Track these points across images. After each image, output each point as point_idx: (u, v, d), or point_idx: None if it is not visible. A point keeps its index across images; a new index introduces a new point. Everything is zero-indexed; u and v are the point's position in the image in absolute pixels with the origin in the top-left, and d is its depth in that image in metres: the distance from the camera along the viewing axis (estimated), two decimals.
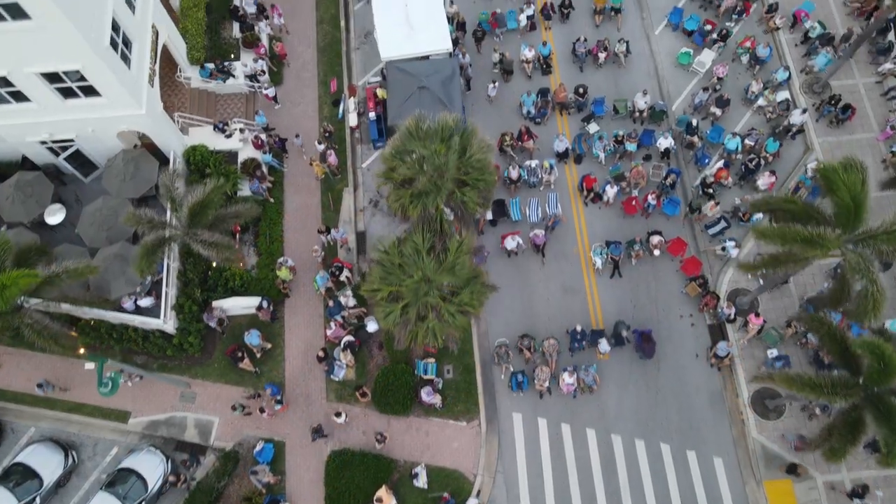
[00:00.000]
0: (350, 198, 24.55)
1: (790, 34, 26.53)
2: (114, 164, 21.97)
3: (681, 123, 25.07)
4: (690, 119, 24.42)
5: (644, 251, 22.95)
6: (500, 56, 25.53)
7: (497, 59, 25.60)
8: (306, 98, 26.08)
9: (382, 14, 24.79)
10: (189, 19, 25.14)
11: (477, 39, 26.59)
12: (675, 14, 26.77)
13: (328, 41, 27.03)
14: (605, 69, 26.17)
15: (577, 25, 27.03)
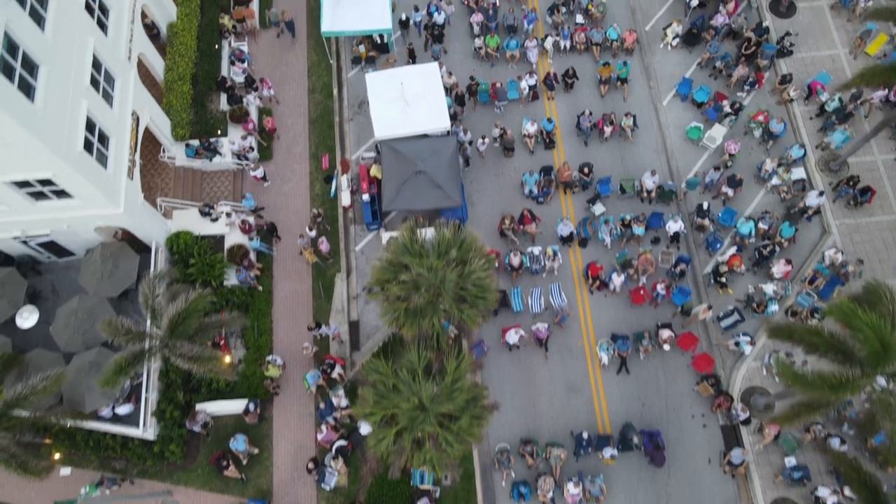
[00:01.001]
0: (343, 284, 23.29)
1: (805, 106, 25.28)
2: (91, 259, 20.71)
3: (691, 186, 23.91)
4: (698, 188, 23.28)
5: (653, 346, 21.73)
6: (500, 131, 24.28)
7: (497, 134, 24.36)
8: (297, 174, 24.82)
9: (376, 88, 23.52)
10: (174, 94, 23.91)
11: (472, 93, 25.40)
12: (683, 84, 25.52)
13: (320, 111, 25.77)
14: (610, 143, 24.93)
15: (582, 95, 25.78)
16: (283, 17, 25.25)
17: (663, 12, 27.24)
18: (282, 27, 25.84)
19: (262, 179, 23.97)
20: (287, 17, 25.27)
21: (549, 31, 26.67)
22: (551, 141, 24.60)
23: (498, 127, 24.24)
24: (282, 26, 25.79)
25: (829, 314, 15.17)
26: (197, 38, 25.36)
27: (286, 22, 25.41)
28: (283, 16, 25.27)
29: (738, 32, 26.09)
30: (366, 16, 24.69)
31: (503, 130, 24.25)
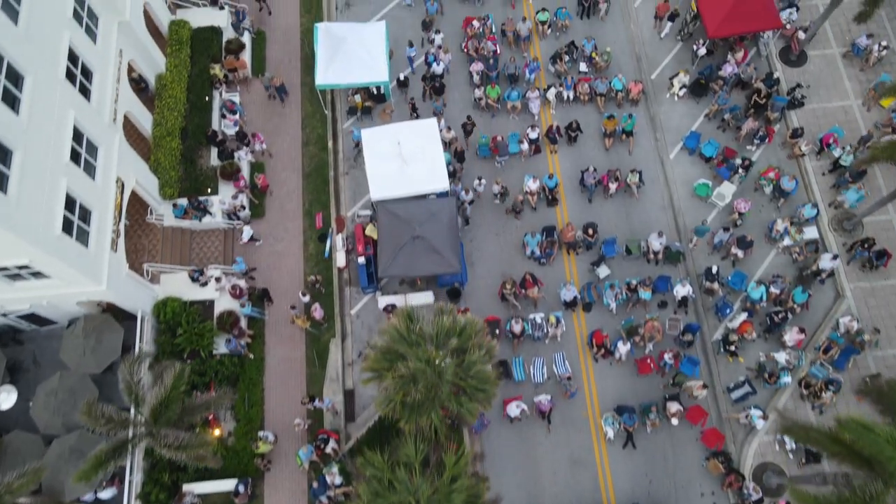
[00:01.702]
0: (337, 350, 22.38)
1: (817, 161, 24.38)
2: (73, 334, 19.79)
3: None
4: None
5: (660, 420, 20.83)
6: (501, 189, 23.38)
7: (498, 191, 23.45)
8: (290, 232, 23.90)
9: (372, 145, 22.61)
10: (162, 150, 23.02)
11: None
12: (691, 138, 24.61)
13: (315, 165, 24.86)
14: (615, 200, 24.02)
15: (586, 148, 24.88)
16: (274, 82, 24.32)
17: (669, 60, 26.34)
18: (272, 91, 24.81)
19: (252, 240, 23.06)
20: (278, 82, 24.34)
21: (551, 80, 25.77)
22: (554, 198, 23.69)
23: (499, 184, 23.33)
24: (272, 90, 24.75)
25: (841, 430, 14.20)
26: (187, 89, 24.49)
27: (277, 87, 24.44)
28: (275, 80, 24.32)
29: (747, 83, 25.19)
30: (362, 68, 23.79)
31: (503, 189, 23.36)
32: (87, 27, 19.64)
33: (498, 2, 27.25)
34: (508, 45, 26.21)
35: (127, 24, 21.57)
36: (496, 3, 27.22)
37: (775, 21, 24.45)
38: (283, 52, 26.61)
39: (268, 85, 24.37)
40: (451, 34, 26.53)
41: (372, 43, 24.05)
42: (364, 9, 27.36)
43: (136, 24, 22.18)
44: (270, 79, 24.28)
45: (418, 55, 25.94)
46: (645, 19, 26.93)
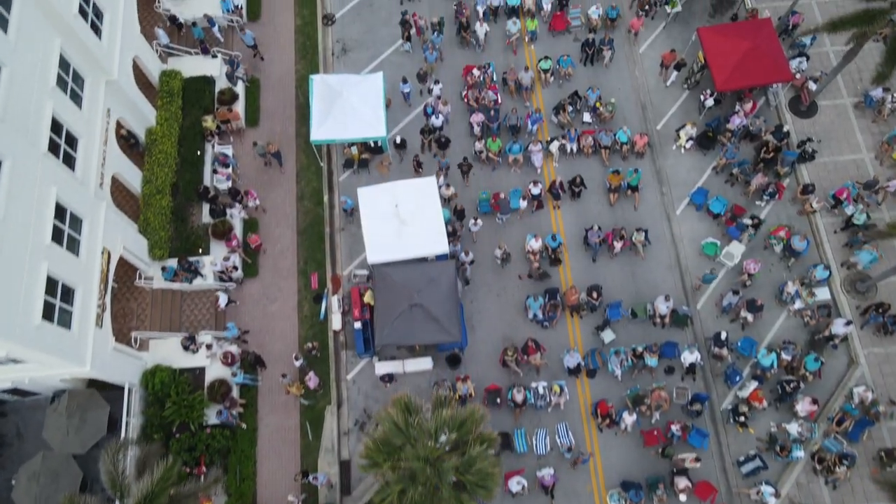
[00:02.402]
0: (333, 419, 21.59)
1: (829, 217, 23.61)
2: (56, 412, 19.01)
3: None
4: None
5: (668, 496, 20.03)
6: (503, 253, 22.60)
7: (501, 254, 22.68)
8: (284, 292, 23.13)
9: (369, 205, 21.83)
10: (151, 209, 22.26)
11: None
12: (698, 194, 23.84)
13: (309, 220, 24.08)
14: (620, 259, 23.24)
15: (590, 203, 24.11)
16: (269, 149, 23.50)
17: (675, 109, 25.56)
18: (268, 158, 23.98)
19: (231, 302, 22.26)
20: (273, 149, 23.52)
21: (554, 131, 25.01)
22: (557, 258, 22.91)
23: (501, 248, 22.54)
24: (268, 157, 23.93)
25: None
26: (178, 142, 23.74)
27: (273, 153, 23.62)
28: (270, 147, 23.50)
29: (756, 135, 24.42)
30: (358, 122, 23.02)
31: (506, 253, 22.57)
32: (72, 92, 18.91)
33: (499, 47, 26.49)
34: (510, 94, 25.44)
35: (115, 82, 20.82)
36: (497, 49, 26.46)
37: (786, 74, 23.68)
38: (277, 100, 25.84)
39: (263, 153, 23.53)
40: (450, 81, 25.78)
41: (368, 96, 23.27)
42: (361, 54, 26.61)
43: (124, 82, 21.43)
44: (266, 146, 23.44)
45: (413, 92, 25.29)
46: (650, 66, 26.17)
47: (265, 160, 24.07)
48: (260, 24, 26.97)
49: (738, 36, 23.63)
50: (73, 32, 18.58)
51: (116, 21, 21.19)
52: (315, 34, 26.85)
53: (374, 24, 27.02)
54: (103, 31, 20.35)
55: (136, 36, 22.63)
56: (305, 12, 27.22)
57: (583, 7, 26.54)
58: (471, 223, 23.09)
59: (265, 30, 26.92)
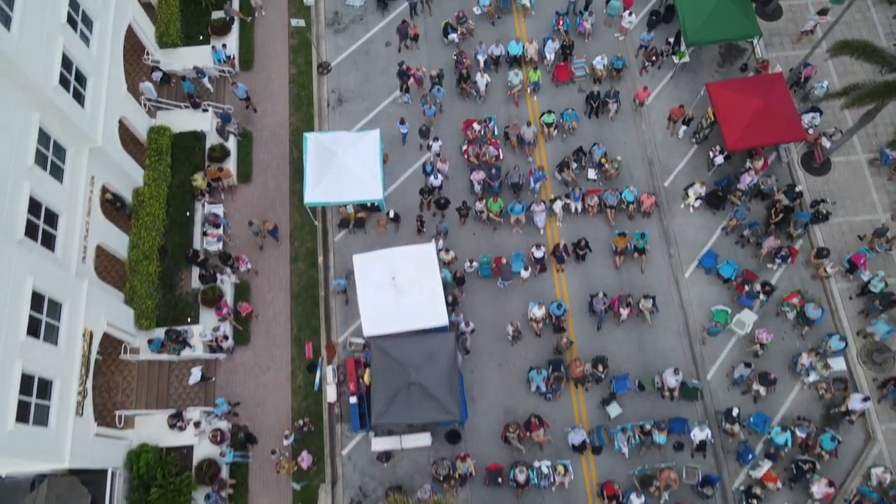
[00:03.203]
0: (327, 497, 20.67)
1: (845, 282, 22.69)
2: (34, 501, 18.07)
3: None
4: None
5: None
6: (515, 331, 21.67)
7: (512, 332, 21.74)
8: (277, 361, 22.20)
9: (365, 273, 20.92)
10: (138, 276, 21.35)
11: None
12: (707, 257, 22.92)
13: (303, 284, 23.16)
14: (627, 326, 22.31)
15: (595, 266, 23.19)
16: (265, 227, 22.54)
17: (683, 165, 24.64)
18: (264, 236, 23.00)
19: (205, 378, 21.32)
20: (270, 226, 22.55)
21: (558, 188, 24.11)
22: (561, 326, 21.99)
23: (513, 326, 21.59)
24: (264, 234, 22.92)
25: None
26: (166, 202, 22.85)
27: (269, 231, 22.64)
28: (266, 225, 22.53)
29: (767, 194, 23.52)
30: (354, 183, 22.05)
31: (517, 331, 21.66)
32: (53, 166, 18.01)
33: (500, 98, 25.57)
34: (512, 148, 24.53)
35: (99, 148, 19.92)
36: (498, 101, 25.54)
37: (799, 133, 22.76)
38: (270, 154, 24.92)
39: (258, 231, 22.56)
40: (450, 135, 24.87)
41: (365, 155, 22.33)
42: (357, 106, 25.70)
43: (110, 147, 20.55)
44: (262, 224, 22.48)
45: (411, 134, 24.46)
46: (657, 119, 25.25)
47: (261, 239, 23.01)
48: (252, 73, 26.06)
49: (750, 93, 22.70)
50: (54, 105, 17.68)
51: (101, 85, 20.30)
52: (310, 84, 25.94)
53: (371, 73, 26.11)
54: (87, 98, 19.43)
55: (122, 96, 21.73)
56: (300, 61, 26.31)
57: (587, 57, 25.63)
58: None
59: (258, 79, 26.01)
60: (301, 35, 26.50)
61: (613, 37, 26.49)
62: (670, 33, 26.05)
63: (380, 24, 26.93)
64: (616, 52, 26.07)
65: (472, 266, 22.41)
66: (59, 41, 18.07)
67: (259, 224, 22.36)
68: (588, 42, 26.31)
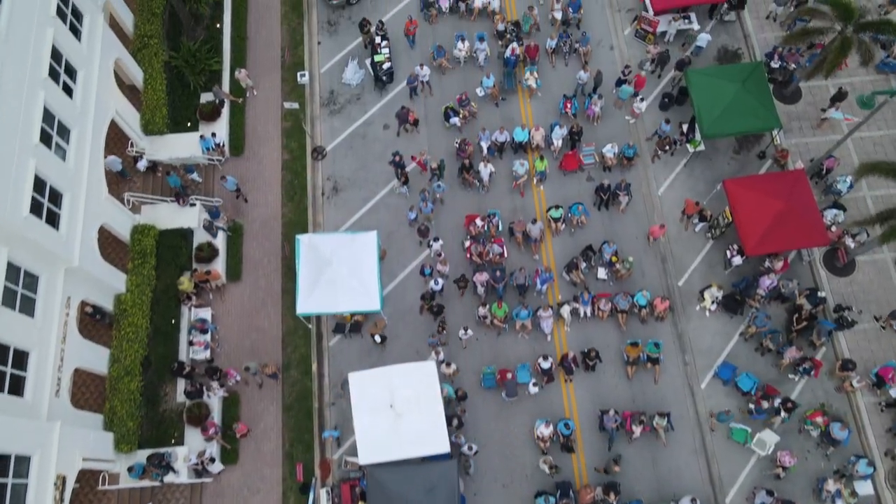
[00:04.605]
0: None
1: (872, 395, 21.36)
2: None
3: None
4: None
5: None
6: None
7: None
8: (267, 481, 20.85)
9: (361, 394, 19.61)
10: (118, 396, 20.00)
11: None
12: (725, 369, 21.58)
13: (297, 394, 21.81)
14: (640, 443, 20.95)
15: (605, 376, 21.85)
16: (264, 372, 21.16)
17: (698, 263, 23.29)
18: (261, 380, 21.61)
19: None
20: (269, 371, 21.16)
21: (565, 289, 22.77)
22: (570, 446, 20.64)
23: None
24: (262, 379, 21.55)
25: None
26: (150, 308, 21.50)
27: (269, 375, 21.23)
28: (266, 369, 21.13)
29: (788, 297, 22.20)
30: (350, 293, 20.72)
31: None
32: (23, 300, 16.68)
33: (505, 188, 24.23)
34: (517, 245, 23.19)
35: (77, 268, 18.58)
36: (503, 190, 24.21)
37: (822, 238, 21.42)
38: (262, 249, 23.58)
39: (256, 371, 21.19)
40: (451, 228, 23.55)
41: (361, 262, 21.01)
42: (353, 195, 24.36)
43: (89, 264, 19.18)
44: (261, 367, 21.12)
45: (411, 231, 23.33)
46: (670, 211, 23.91)
47: (258, 382, 21.60)
48: (243, 160, 24.73)
49: (770, 193, 21.34)
50: (23, 237, 16.33)
51: (78, 198, 18.97)
52: (304, 171, 24.61)
53: (368, 159, 24.78)
54: (62, 218, 18.10)
55: (103, 202, 20.39)
56: (293, 145, 24.97)
57: (596, 144, 24.30)
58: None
59: (249, 165, 24.68)
60: (295, 117, 25.17)
61: (624, 119, 25.17)
62: (684, 116, 24.75)
63: (377, 105, 25.60)
64: (627, 135, 24.80)
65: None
66: (30, 164, 16.75)
67: (257, 367, 21.01)
68: (597, 125, 24.99)
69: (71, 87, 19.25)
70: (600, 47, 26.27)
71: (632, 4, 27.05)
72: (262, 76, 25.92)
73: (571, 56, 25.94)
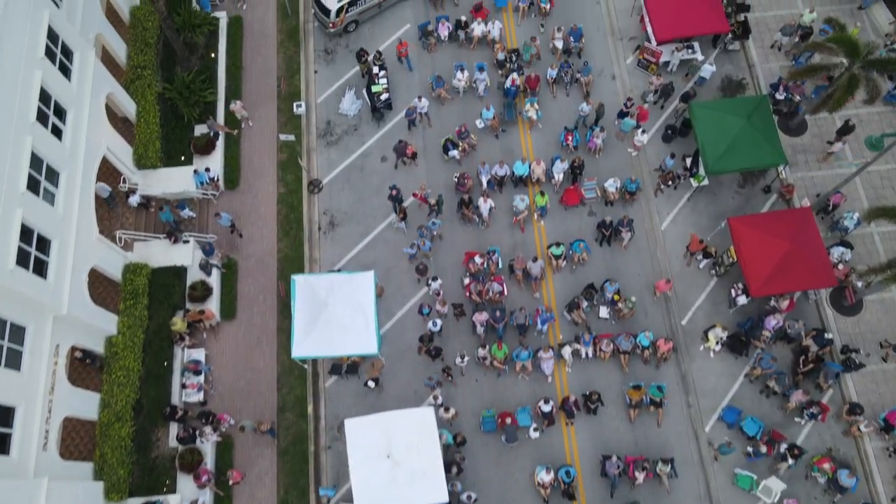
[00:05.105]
0: None
1: (880, 440, 20.90)
2: None
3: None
4: None
5: None
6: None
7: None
8: None
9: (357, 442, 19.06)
10: (109, 442, 19.61)
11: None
12: (730, 412, 21.12)
13: (292, 437, 21.33)
14: (643, 489, 20.47)
15: (607, 418, 21.39)
16: (260, 429, 20.64)
17: (702, 300, 22.83)
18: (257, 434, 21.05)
19: None
20: (265, 428, 20.57)
21: (566, 328, 22.32)
22: (571, 494, 20.16)
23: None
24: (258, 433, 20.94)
25: None
26: (142, 349, 21.03)
27: (267, 430, 20.69)
28: (262, 426, 20.60)
29: (794, 338, 21.74)
30: (346, 336, 20.17)
31: None
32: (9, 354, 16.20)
33: (505, 223, 23.76)
34: (517, 282, 22.71)
35: (66, 315, 18.10)
36: (503, 226, 23.73)
37: (830, 279, 20.95)
38: (256, 286, 23.10)
39: (253, 428, 20.69)
40: (449, 265, 23.09)
41: (358, 304, 20.48)
42: (350, 229, 23.88)
43: (78, 311, 18.70)
44: (256, 425, 20.60)
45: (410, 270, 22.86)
46: (673, 247, 23.45)
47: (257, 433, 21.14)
48: (238, 193, 24.25)
49: (776, 233, 20.87)
50: (9, 290, 15.85)
51: (68, 243, 18.51)
52: (300, 205, 24.14)
53: (365, 192, 24.30)
54: (50, 265, 17.63)
55: (93, 244, 19.93)
56: (289, 178, 24.50)
57: (598, 179, 23.82)
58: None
59: (244, 199, 24.21)
60: (290, 149, 24.72)
61: (626, 152, 24.71)
62: (687, 147, 24.31)
63: (375, 136, 25.14)
64: (629, 168, 24.38)
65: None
66: (16, 214, 16.27)
67: (253, 425, 20.53)
68: (599, 157, 24.53)
69: (60, 128, 18.78)
70: (602, 77, 25.82)
71: (634, 32, 26.60)
72: (257, 106, 25.45)
73: (573, 86, 25.48)
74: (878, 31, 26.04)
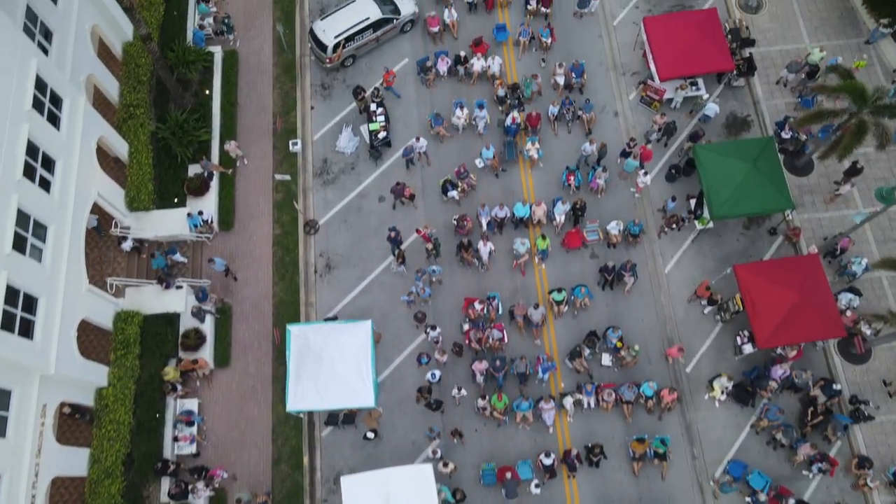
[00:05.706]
0: None
1: (889, 495, 20.40)
2: None
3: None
4: None
5: None
6: None
7: None
8: None
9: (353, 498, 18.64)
10: (98, 499, 19.06)
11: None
12: (736, 466, 20.61)
13: (287, 490, 20.83)
14: None
15: (610, 471, 20.89)
16: (256, 501, 20.11)
17: (707, 347, 22.32)
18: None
19: None
20: (260, 500, 20.02)
21: (568, 376, 21.83)
22: None
23: None
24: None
25: None
26: (134, 401, 20.52)
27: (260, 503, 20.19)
28: (257, 500, 20.06)
29: (801, 388, 21.24)
30: (342, 389, 19.75)
31: None
32: None
33: (505, 266, 23.25)
34: (518, 329, 22.21)
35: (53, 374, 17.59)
36: (503, 269, 23.22)
37: (837, 330, 20.44)
38: (251, 332, 22.60)
39: (249, 501, 20.17)
40: (448, 311, 22.57)
41: (355, 356, 20.01)
42: (347, 273, 23.37)
43: (66, 368, 18.17)
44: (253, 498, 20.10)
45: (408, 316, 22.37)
46: (677, 290, 22.95)
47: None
48: (233, 234, 23.74)
49: (783, 283, 20.36)
50: None
51: (56, 299, 17.97)
52: (296, 247, 23.61)
53: (363, 233, 23.79)
54: (37, 324, 17.11)
55: (83, 295, 19.41)
56: (285, 219, 23.98)
57: (601, 221, 23.30)
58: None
59: (238, 241, 23.69)
60: (286, 188, 24.22)
61: (629, 192, 24.20)
62: (691, 187, 23.79)
63: (373, 175, 24.63)
64: (632, 209, 23.86)
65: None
66: (1, 277, 15.73)
67: (250, 497, 20.02)
68: (601, 198, 24.03)
69: (49, 180, 18.26)
70: (604, 113, 25.31)
71: (636, 67, 26.09)
72: (252, 143, 24.94)
73: (574, 123, 24.98)
74: (885, 66, 25.56)
